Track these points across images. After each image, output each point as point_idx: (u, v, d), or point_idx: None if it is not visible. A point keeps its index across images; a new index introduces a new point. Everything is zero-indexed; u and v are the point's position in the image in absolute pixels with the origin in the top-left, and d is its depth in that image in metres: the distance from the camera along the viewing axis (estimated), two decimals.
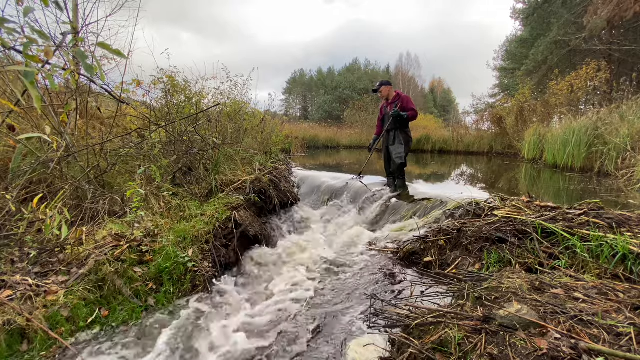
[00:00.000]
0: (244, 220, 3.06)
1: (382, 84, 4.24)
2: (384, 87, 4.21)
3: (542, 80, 15.44)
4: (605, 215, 2.15)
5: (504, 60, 22.28)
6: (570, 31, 14.53)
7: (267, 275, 2.69)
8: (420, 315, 1.42)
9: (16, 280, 1.73)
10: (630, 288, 1.47)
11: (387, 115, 4.20)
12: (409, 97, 4.18)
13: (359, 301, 2.13)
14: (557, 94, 9.99)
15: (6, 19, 1.10)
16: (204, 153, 3.55)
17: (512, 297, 1.38)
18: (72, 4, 3.39)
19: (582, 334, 1.09)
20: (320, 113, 39.69)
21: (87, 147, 2.81)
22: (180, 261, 2.23)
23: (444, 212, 3.07)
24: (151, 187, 2.91)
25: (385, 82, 4.31)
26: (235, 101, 4.88)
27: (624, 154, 5.60)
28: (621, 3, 10.88)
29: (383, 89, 4.21)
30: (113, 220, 2.51)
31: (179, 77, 4.03)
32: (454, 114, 25.81)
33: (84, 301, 1.81)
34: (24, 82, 1.04)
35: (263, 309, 2.15)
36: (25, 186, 2.48)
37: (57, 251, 2.07)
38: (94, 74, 1.29)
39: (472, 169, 8.12)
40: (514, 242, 2.16)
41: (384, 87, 4.21)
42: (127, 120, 3.92)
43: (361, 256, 2.88)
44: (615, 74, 12.44)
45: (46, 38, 1.24)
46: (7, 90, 2.73)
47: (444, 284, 1.93)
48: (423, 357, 1.21)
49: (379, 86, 4.24)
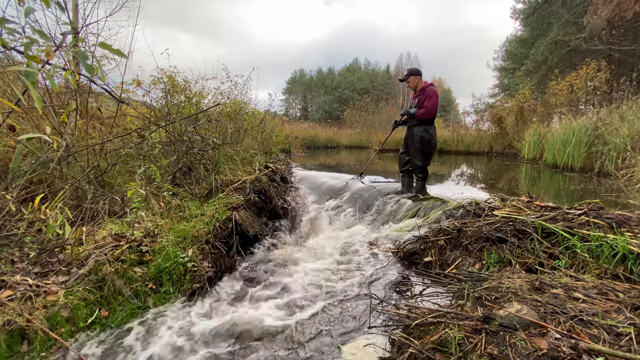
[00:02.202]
0: (243, 220, 3.06)
1: (411, 73, 3.86)
2: (412, 77, 3.83)
3: (542, 80, 15.45)
4: (605, 215, 2.15)
5: (504, 60, 22.30)
6: (570, 31, 14.54)
7: (266, 275, 2.69)
8: (420, 315, 1.42)
9: (16, 280, 1.73)
10: (630, 288, 1.47)
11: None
12: (435, 93, 3.73)
13: (359, 301, 2.13)
14: (557, 94, 10.00)
15: (7, 19, 1.11)
16: (204, 153, 3.55)
17: (512, 297, 1.38)
18: (72, 4, 3.40)
19: (582, 334, 1.09)
20: (320, 113, 39.72)
21: (87, 147, 2.81)
22: (180, 261, 2.23)
23: (444, 212, 3.07)
24: (151, 187, 2.91)
25: (415, 71, 3.88)
26: (235, 101, 4.88)
27: (624, 154, 5.60)
28: (621, 3, 10.88)
29: (411, 79, 3.83)
30: (113, 220, 2.51)
31: (178, 77, 4.03)
32: (454, 114, 25.79)
33: (83, 301, 1.81)
34: (25, 82, 1.05)
35: (261, 309, 2.15)
36: (25, 186, 2.48)
37: (57, 251, 2.07)
38: (95, 74, 1.29)
39: (472, 169, 8.12)
40: (514, 242, 2.16)
41: (412, 77, 3.83)
42: (127, 120, 3.92)
43: (361, 256, 2.88)
44: (615, 74, 12.43)
45: (47, 38, 1.24)
46: (7, 90, 2.73)
47: (444, 284, 1.93)
48: (423, 357, 1.21)
49: (407, 76, 3.87)
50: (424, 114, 3.71)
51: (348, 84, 40.49)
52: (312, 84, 46.01)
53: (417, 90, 3.88)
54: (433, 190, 4.07)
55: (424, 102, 3.72)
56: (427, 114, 3.71)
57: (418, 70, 3.92)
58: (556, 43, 15.34)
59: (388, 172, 6.74)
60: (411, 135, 3.93)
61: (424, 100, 3.72)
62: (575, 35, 14.04)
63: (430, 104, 3.68)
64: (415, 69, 3.93)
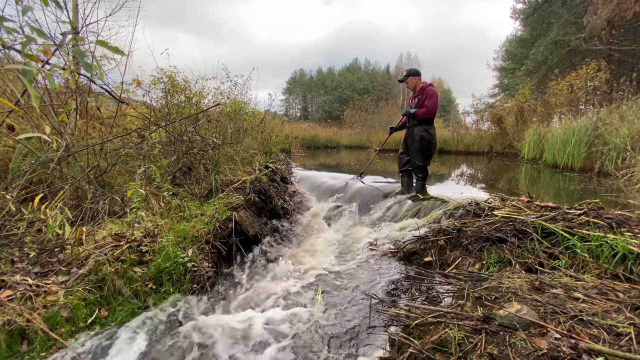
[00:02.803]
0: (243, 220, 3.06)
1: (410, 74, 3.85)
2: (411, 78, 3.82)
3: (542, 80, 15.46)
4: (605, 215, 2.15)
5: (504, 60, 22.30)
6: (570, 31, 14.54)
7: (266, 275, 2.69)
8: (420, 315, 1.42)
9: (16, 280, 1.73)
10: (630, 288, 1.47)
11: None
12: (434, 92, 3.72)
13: (359, 301, 2.12)
14: (557, 94, 10.00)
15: (5, 18, 1.10)
16: (204, 153, 3.55)
17: (512, 297, 1.38)
18: (72, 3, 3.39)
19: (582, 334, 1.09)
20: (320, 113, 39.74)
21: (87, 147, 2.81)
22: (180, 261, 2.23)
23: (444, 212, 3.07)
24: (151, 187, 2.91)
25: (413, 71, 3.87)
26: (235, 101, 4.87)
27: (624, 154, 5.60)
28: (621, 3, 10.88)
29: (410, 80, 3.83)
30: (113, 220, 2.51)
31: (178, 77, 4.03)
32: (454, 114, 25.80)
33: (83, 301, 1.81)
34: (23, 81, 1.04)
35: (260, 308, 2.15)
36: (25, 186, 2.48)
37: (57, 251, 2.07)
38: (93, 72, 1.29)
39: (472, 169, 8.12)
40: (514, 242, 2.16)
41: (410, 77, 3.83)
42: (127, 120, 3.92)
43: (361, 256, 2.88)
44: (615, 74, 12.44)
45: (45, 37, 1.24)
46: (6, 90, 2.73)
47: (444, 284, 1.93)
48: (423, 357, 1.21)
49: (406, 76, 3.86)
50: (424, 113, 3.71)
51: (348, 84, 40.50)
52: (312, 84, 46.02)
53: (417, 91, 3.88)
54: (433, 190, 4.07)
55: (425, 102, 3.72)
56: (428, 113, 3.71)
57: (417, 70, 3.92)
58: (556, 43, 15.34)
59: (388, 172, 6.74)
60: (411, 136, 3.93)
61: (424, 100, 3.72)
62: (575, 35, 14.04)
63: (431, 103, 3.68)
64: (414, 70, 3.92)
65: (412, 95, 4.00)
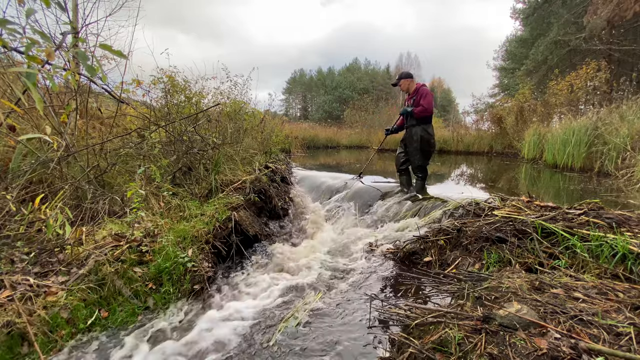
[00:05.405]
0: (243, 220, 3.06)
1: (401, 77, 3.97)
2: (403, 80, 3.94)
3: (542, 80, 15.46)
4: (605, 215, 2.15)
5: (504, 60, 22.30)
6: (570, 31, 14.54)
7: (266, 275, 2.69)
8: (420, 315, 1.42)
9: (16, 280, 1.73)
10: (630, 288, 1.47)
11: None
12: (428, 92, 3.83)
13: (359, 301, 2.13)
14: (557, 94, 10.01)
15: (8, 21, 1.10)
16: (203, 153, 3.55)
17: (512, 297, 1.38)
18: (72, 4, 3.40)
19: (582, 334, 1.10)
20: (320, 113, 39.73)
21: (87, 147, 2.81)
22: (180, 261, 2.23)
23: (444, 212, 3.07)
24: (151, 187, 2.91)
25: (405, 74, 3.98)
26: (235, 101, 4.88)
27: (623, 153, 5.61)
28: (621, 3, 10.88)
29: (402, 83, 3.94)
30: (113, 220, 2.51)
31: (178, 77, 4.03)
32: (454, 114, 25.80)
33: (83, 302, 1.81)
34: (26, 83, 1.04)
35: (260, 309, 2.15)
36: (25, 186, 2.48)
37: (57, 251, 2.07)
38: (95, 75, 1.29)
39: (472, 168, 8.12)
40: (513, 242, 2.16)
41: (403, 80, 3.94)
42: (127, 120, 3.92)
43: (361, 256, 2.88)
44: (615, 74, 12.43)
45: (47, 39, 1.24)
46: (7, 91, 2.73)
47: (444, 283, 1.94)
48: (423, 357, 1.21)
49: (398, 80, 3.97)
50: (421, 111, 3.78)
51: (348, 84, 40.50)
52: (312, 84, 46.02)
53: (411, 92, 3.97)
54: (433, 190, 4.07)
55: (420, 101, 3.81)
56: (425, 111, 3.78)
57: (409, 73, 4.04)
58: (556, 43, 15.34)
59: (388, 172, 6.74)
60: (410, 136, 3.94)
61: (420, 99, 3.81)
62: (575, 35, 14.04)
63: (426, 101, 3.77)
64: (406, 73, 4.04)
65: (407, 97, 4.09)
